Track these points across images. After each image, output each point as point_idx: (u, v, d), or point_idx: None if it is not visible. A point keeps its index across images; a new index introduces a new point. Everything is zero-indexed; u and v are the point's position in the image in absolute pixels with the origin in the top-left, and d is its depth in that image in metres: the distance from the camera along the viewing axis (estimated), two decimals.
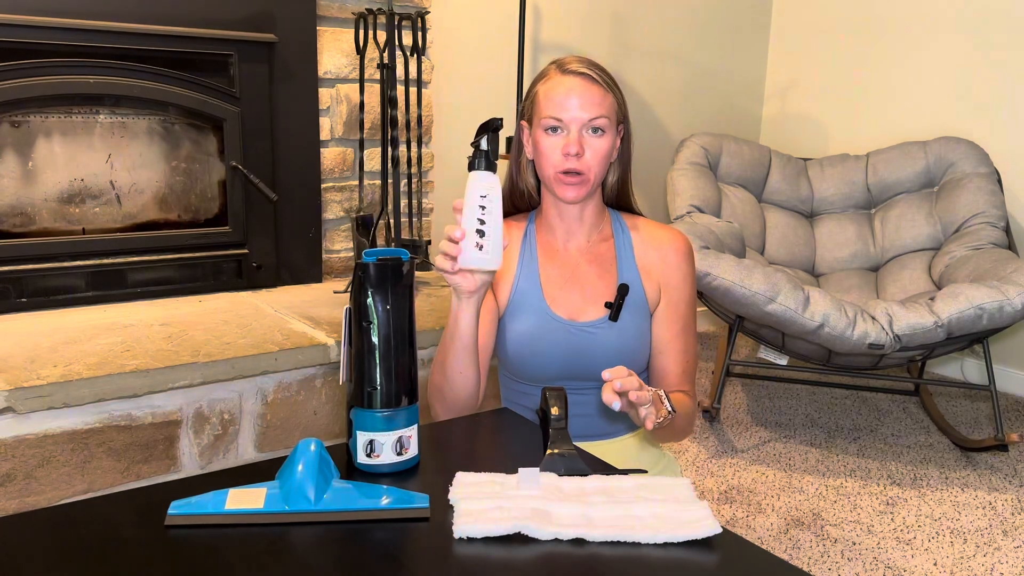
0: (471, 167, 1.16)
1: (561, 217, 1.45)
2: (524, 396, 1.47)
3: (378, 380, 1.07)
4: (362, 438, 1.08)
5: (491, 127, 1.16)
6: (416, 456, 1.11)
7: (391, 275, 1.06)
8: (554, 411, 1.14)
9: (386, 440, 1.07)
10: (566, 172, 1.35)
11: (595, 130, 1.35)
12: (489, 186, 1.15)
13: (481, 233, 1.15)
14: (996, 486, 2.44)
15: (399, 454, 1.08)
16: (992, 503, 2.33)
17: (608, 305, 1.39)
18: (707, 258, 2.53)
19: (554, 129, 1.36)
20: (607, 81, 1.38)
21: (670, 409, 1.24)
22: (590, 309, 1.41)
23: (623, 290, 1.39)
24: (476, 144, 1.16)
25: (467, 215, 1.16)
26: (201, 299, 2.46)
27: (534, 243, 1.46)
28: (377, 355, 1.06)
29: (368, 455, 1.08)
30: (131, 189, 2.43)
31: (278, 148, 2.58)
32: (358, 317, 1.07)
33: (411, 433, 1.09)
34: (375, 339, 1.06)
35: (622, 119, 1.41)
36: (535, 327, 1.41)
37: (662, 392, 1.25)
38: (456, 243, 1.16)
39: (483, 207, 1.15)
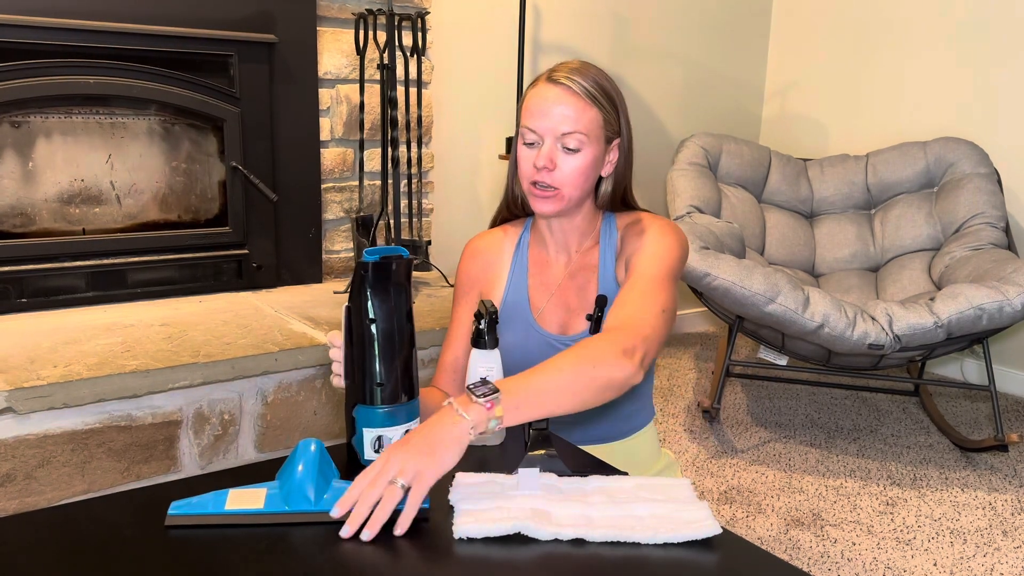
0: (473, 344, 1.19)
1: (550, 227, 1.40)
2: None
3: (384, 377, 1.07)
4: (369, 434, 1.08)
5: (490, 313, 1.18)
6: None
7: (393, 274, 1.07)
8: None
9: (394, 435, 1.08)
10: (536, 184, 1.30)
11: (569, 149, 1.28)
12: (490, 366, 1.18)
13: None
14: (996, 486, 2.44)
15: None
16: (992, 503, 2.33)
17: (589, 318, 1.36)
18: (707, 258, 2.53)
19: (531, 143, 1.30)
20: (592, 95, 1.28)
21: (485, 399, 1.01)
22: (576, 323, 1.39)
23: (601, 302, 1.34)
24: (477, 325, 1.19)
25: None
26: (201, 299, 2.46)
27: (525, 254, 1.44)
28: (381, 352, 1.07)
29: (377, 451, 1.08)
30: (131, 189, 2.43)
31: (278, 148, 2.59)
32: (360, 315, 1.07)
33: (415, 427, 1.10)
34: (379, 336, 1.07)
35: (613, 134, 1.32)
36: (521, 340, 1.39)
37: (454, 403, 1.02)
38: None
39: None
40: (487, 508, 0.96)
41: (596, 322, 1.33)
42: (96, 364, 1.84)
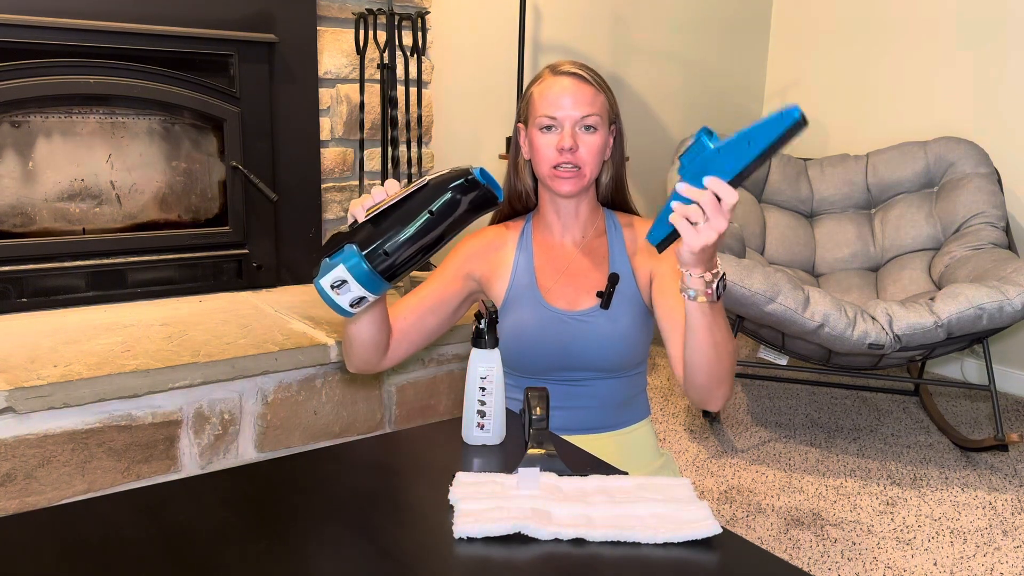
0: (473, 344, 1.20)
1: (558, 214, 1.48)
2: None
3: (393, 248, 1.09)
4: (340, 273, 1.09)
5: (490, 313, 1.19)
6: (352, 313, 1.14)
7: (472, 197, 1.09)
8: (536, 411, 1.15)
9: (354, 290, 1.10)
10: (562, 167, 1.39)
11: (587, 128, 1.40)
12: (489, 366, 1.19)
13: (482, 414, 1.19)
14: (996, 486, 2.44)
15: (352, 307, 1.12)
16: (992, 503, 2.33)
17: (600, 294, 1.42)
18: None
19: (549, 128, 1.41)
20: (598, 81, 1.43)
21: (715, 285, 1.15)
22: (584, 299, 1.44)
23: (613, 279, 1.42)
24: (477, 325, 1.19)
25: (468, 396, 1.19)
26: (201, 299, 2.46)
27: (530, 240, 1.50)
28: (412, 233, 1.08)
29: (334, 286, 1.10)
30: (131, 189, 2.42)
31: (278, 148, 2.58)
32: (427, 199, 1.08)
33: (370, 300, 1.12)
34: (421, 224, 1.08)
35: (614, 119, 1.46)
36: (530, 318, 1.44)
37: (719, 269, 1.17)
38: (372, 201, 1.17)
39: (483, 388, 1.18)
40: (487, 508, 0.96)
41: (607, 297, 1.41)
42: (96, 364, 1.84)
